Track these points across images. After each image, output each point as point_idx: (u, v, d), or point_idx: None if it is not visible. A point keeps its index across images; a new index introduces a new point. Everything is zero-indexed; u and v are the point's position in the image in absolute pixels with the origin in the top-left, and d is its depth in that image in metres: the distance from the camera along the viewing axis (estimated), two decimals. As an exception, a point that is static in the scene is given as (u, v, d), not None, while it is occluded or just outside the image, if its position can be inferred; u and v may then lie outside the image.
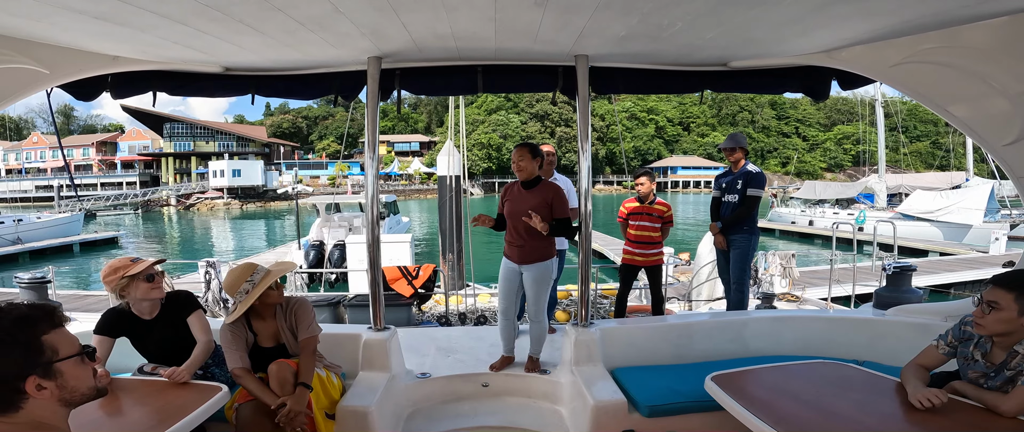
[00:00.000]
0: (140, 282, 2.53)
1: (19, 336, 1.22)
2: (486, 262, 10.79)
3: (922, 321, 3.28)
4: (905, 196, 24.88)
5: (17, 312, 1.23)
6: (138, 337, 2.61)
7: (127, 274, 2.50)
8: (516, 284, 3.40)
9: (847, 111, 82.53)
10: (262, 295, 2.59)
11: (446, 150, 8.51)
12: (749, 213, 4.54)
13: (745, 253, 4.57)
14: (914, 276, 4.22)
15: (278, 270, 2.66)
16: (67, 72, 2.77)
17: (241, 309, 2.56)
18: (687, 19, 2.50)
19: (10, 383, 1.20)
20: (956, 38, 2.48)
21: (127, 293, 2.54)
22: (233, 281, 2.60)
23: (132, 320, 2.60)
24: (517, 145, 3.32)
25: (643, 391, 2.87)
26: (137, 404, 2.19)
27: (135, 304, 2.58)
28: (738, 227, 4.57)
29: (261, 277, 2.59)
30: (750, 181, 4.52)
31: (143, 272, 2.53)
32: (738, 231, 4.57)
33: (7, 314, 1.22)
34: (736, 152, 4.67)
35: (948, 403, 1.98)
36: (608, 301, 6.42)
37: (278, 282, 2.68)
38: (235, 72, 3.25)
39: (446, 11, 2.37)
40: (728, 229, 4.63)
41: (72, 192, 36.55)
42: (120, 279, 2.50)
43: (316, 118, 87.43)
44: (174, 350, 2.59)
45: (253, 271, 2.61)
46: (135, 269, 2.52)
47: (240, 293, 2.57)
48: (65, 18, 2.21)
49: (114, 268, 2.54)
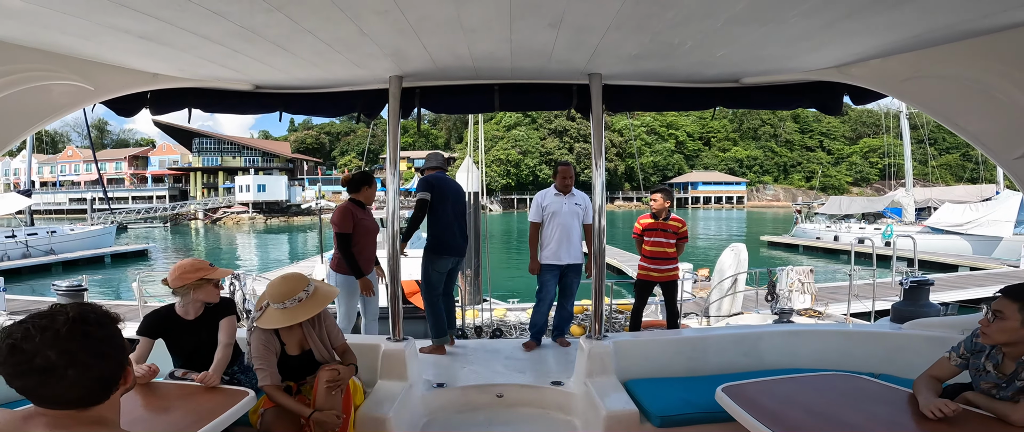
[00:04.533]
0: (210, 286, 2.75)
1: (116, 331, 1.24)
2: (503, 278, 10.82)
3: (938, 334, 3.25)
4: (934, 210, 24.28)
5: (98, 308, 1.24)
6: (176, 336, 2.75)
7: (206, 276, 2.71)
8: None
9: (873, 124, 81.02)
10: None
11: (465, 166, 8.63)
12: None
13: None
14: (942, 291, 4.20)
15: (328, 293, 2.73)
16: (111, 89, 2.93)
17: (289, 320, 2.56)
18: (698, 37, 2.57)
19: (119, 373, 1.21)
20: (964, 52, 2.50)
21: (196, 292, 2.72)
22: (289, 288, 2.59)
23: (174, 320, 2.75)
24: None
25: (655, 402, 2.90)
26: (171, 407, 2.31)
27: (185, 304, 2.75)
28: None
29: (312, 294, 2.63)
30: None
31: (217, 277, 2.77)
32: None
33: (92, 311, 1.21)
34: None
35: (960, 413, 1.99)
36: (624, 316, 6.42)
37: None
38: (265, 90, 3.42)
39: (464, 33, 2.48)
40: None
41: (105, 205, 37.73)
42: (198, 279, 2.70)
43: (338, 134, 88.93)
44: (206, 352, 2.72)
45: (307, 284, 2.64)
46: (213, 274, 2.74)
47: (293, 300, 2.57)
48: (112, 37, 2.36)
49: (195, 267, 2.72)
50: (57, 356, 1.10)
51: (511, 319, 6.69)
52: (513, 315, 6.97)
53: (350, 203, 4.23)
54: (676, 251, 4.86)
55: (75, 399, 1.15)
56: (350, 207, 4.18)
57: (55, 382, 1.10)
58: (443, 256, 4.31)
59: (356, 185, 4.27)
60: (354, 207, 4.20)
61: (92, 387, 1.16)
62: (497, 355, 4.08)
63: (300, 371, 2.72)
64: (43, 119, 2.82)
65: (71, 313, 1.16)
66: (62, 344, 1.11)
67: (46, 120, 2.83)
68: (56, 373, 1.10)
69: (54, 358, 1.09)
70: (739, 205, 79.09)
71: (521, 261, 26.73)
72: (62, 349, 1.10)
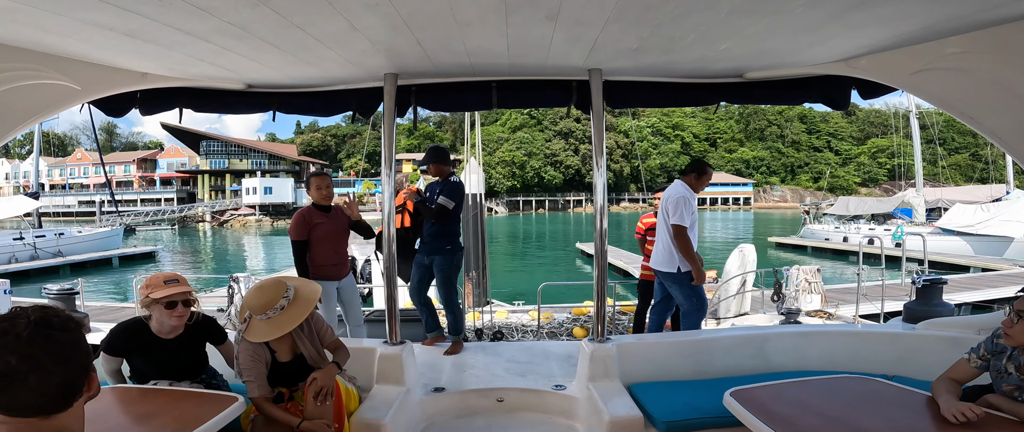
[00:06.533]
0: (160, 307, 2.49)
1: (81, 336, 1.20)
2: (507, 280, 10.77)
3: (954, 335, 3.15)
4: (944, 210, 24.03)
5: (61, 312, 1.19)
6: (148, 352, 2.57)
7: (152, 295, 2.49)
8: None
9: (881, 124, 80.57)
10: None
11: (468, 168, 8.60)
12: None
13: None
14: (954, 292, 4.09)
15: (311, 295, 2.59)
16: (98, 88, 2.87)
17: (276, 332, 2.44)
18: (699, 30, 2.49)
19: (81, 379, 1.16)
20: (979, 43, 2.40)
21: (150, 310, 2.54)
22: (268, 299, 2.46)
23: (147, 335, 2.57)
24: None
25: (660, 407, 2.81)
26: (155, 413, 2.23)
27: (157, 322, 2.55)
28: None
29: (293, 299, 2.51)
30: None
31: (164, 298, 2.47)
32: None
33: (55, 315, 1.16)
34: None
35: (983, 417, 1.90)
36: (627, 317, 6.33)
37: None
38: (257, 89, 3.36)
39: (459, 27, 2.42)
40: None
41: (113, 207, 38.08)
42: (145, 298, 2.52)
43: (344, 136, 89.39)
44: (181, 367, 2.59)
45: (285, 289, 2.51)
46: (160, 292, 2.47)
47: (275, 309, 2.44)
48: (96, 35, 2.30)
49: (146, 283, 2.53)
50: (18, 361, 1.05)
51: (513, 321, 6.61)
52: (515, 317, 6.88)
53: (309, 207, 4.03)
54: (680, 251, 4.76)
55: (37, 406, 1.10)
56: (306, 212, 3.99)
57: (16, 388, 1.06)
58: (460, 250, 4.31)
59: (307, 186, 4.12)
60: (312, 212, 4.00)
61: (54, 394, 1.12)
62: (498, 358, 4.00)
63: (293, 377, 2.64)
64: (29, 120, 2.77)
65: (33, 316, 1.11)
66: (24, 348, 1.06)
67: (32, 121, 2.79)
68: (17, 379, 1.05)
69: (15, 363, 1.05)
70: (746, 206, 78.78)
71: (526, 264, 26.71)
72: (24, 354, 1.06)
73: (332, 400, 2.48)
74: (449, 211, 4.13)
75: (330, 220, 4.04)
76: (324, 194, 4.07)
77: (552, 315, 6.61)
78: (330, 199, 4.11)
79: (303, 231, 3.92)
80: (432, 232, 4.20)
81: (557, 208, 75.98)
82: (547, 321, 6.37)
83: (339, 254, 4.10)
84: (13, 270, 18.94)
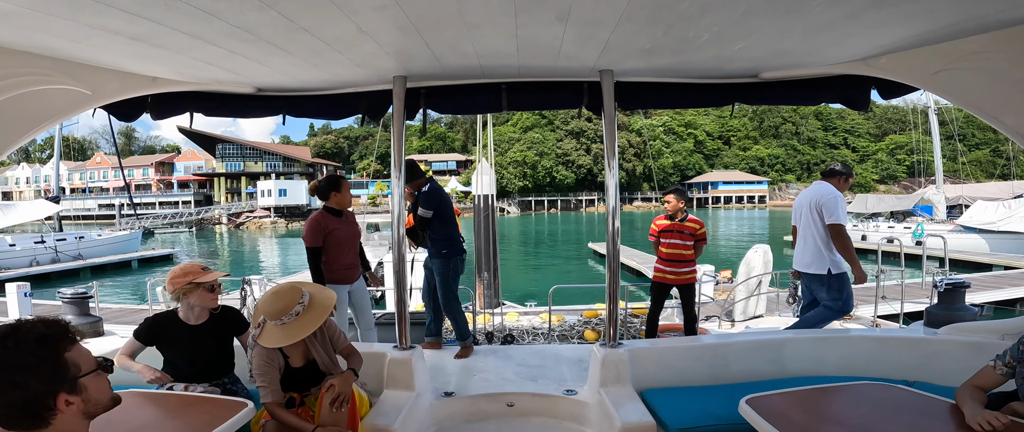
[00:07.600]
0: (203, 291, 2.67)
1: (45, 355, 1.26)
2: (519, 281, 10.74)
3: (978, 340, 3.06)
4: (965, 207, 23.54)
5: (36, 332, 1.27)
6: (176, 341, 2.69)
7: (195, 280, 2.64)
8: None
9: (899, 120, 79.29)
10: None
11: (479, 169, 8.58)
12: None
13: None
14: (975, 292, 3.97)
15: (326, 302, 2.55)
16: (108, 93, 2.89)
17: (290, 338, 2.40)
18: (713, 30, 2.44)
19: (41, 401, 1.25)
20: (1002, 42, 2.32)
21: (187, 297, 2.66)
22: (283, 304, 2.42)
23: (176, 324, 2.70)
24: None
25: (674, 414, 2.76)
26: (166, 418, 2.24)
27: (187, 309, 2.70)
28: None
29: (308, 306, 2.47)
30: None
31: (209, 282, 2.67)
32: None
33: (27, 334, 1.25)
34: None
35: (1008, 425, 1.82)
36: (639, 320, 6.26)
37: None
38: (267, 93, 3.36)
39: (468, 29, 2.39)
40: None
41: (132, 211, 38.70)
42: (187, 283, 2.63)
43: (357, 138, 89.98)
44: (205, 361, 2.68)
45: (301, 295, 2.47)
46: (203, 277, 2.66)
47: (290, 315, 2.40)
48: (104, 39, 2.30)
49: (185, 271, 2.66)
50: None
51: (524, 323, 6.56)
52: (526, 319, 6.83)
53: (322, 213, 3.94)
54: (693, 253, 4.70)
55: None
56: (321, 218, 3.90)
57: None
58: (458, 255, 4.29)
59: (325, 192, 3.96)
60: (326, 217, 3.91)
61: (11, 414, 1.21)
62: (509, 361, 3.96)
63: (305, 382, 2.63)
64: (41, 124, 2.79)
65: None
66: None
67: (44, 126, 2.80)
68: None
69: None
70: (760, 204, 77.89)
71: (539, 265, 26.65)
72: None
73: (347, 407, 2.47)
74: (430, 219, 4.16)
75: (344, 224, 4.00)
76: (345, 199, 4.02)
77: (563, 317, 6.55)
78: (348, 204, 4.11)
79: (318, 237, 3.84)
80: (430, 237, 4.25)
81: (569, 208, 75.73)
82: (558, 324, 6.32)
83: (352, 257, 4.09)
84: (34, 273, 19.31)
